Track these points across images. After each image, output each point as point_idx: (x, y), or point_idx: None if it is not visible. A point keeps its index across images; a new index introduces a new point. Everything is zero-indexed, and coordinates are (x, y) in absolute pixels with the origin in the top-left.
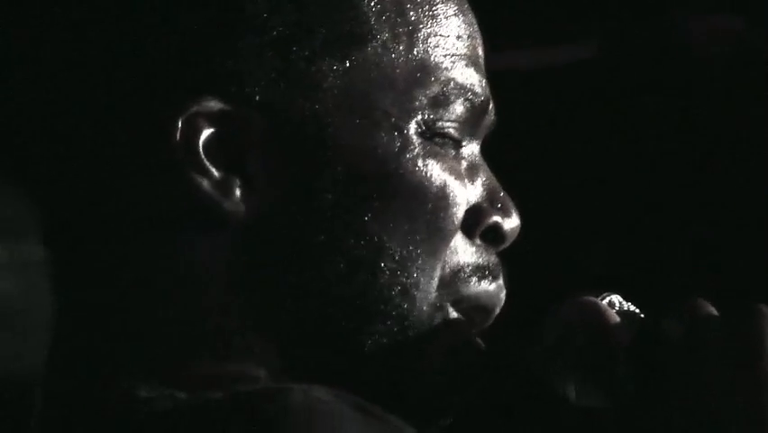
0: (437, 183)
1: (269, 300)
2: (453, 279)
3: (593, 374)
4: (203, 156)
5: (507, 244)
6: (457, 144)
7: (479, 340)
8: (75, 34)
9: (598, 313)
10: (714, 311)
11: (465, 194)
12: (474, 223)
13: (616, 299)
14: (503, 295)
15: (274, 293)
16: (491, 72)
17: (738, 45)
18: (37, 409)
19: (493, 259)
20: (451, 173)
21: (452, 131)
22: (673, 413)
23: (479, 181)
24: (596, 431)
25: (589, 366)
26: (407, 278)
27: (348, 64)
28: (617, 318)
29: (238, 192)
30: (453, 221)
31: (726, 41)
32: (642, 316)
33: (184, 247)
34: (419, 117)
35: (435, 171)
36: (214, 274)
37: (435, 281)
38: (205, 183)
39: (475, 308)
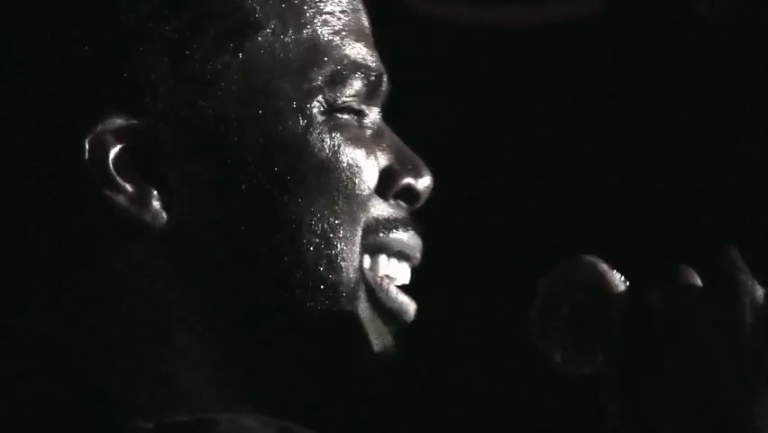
0: (347, 154)
1: (202, 296)
2: (367, 235)
3: (584, 336)
4: (114, 173)
5: (420, 203)
6: (360, 114)
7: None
8: None
9: (602, 273)
10: (696, 279)
11: (375, 160)
12: (387, 185)
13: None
14: (419, 243)
15: (206, 289)
16: (494, 28)
17: (742, 6)
18: None
19: (405, 214)
20: (358, 143)
21: (353, 104)
22: (661, 377)
23: (385, 145)
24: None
25: (581, 327)
26: (332, 249)
27: (242, 56)
28: (619, 279)
29: (155, 203)
30: (367, 187)
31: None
32: (627, 285)
33: (110, 259)
34: (320, 97)
35: (343, 143)
36: (143, 280)
37: (357, 248)
38: (121, 199)
39: (394, 255)
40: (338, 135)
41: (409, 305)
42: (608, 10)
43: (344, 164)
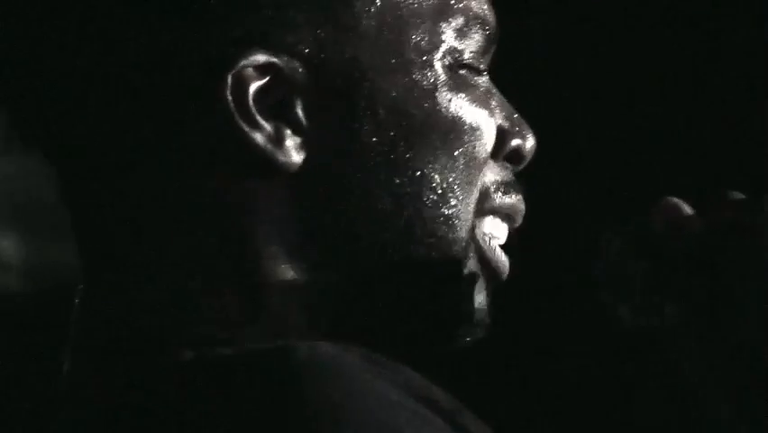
0: (470, 115)
1: (319, 244)
2: (482, 199)
3: (657, 283)
4: (254, 110)
5: (524, 165)
6: (476, 72)
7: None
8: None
9: (680, 213)
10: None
11: (492, 122)
12: (499, 146)
13: None
14: (523, 207)
15: (324, 237)
16: None
17: None
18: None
19: (512, 176)
20: (479, 103)
21: (473, 61)
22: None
23: (495, 105)
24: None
25: (656, 274)
26: (449, 208)
27: (379, 3)
28: (700, 218)
29: (289, 142)
30: (486, 150)
31: None
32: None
33: (235, 199)
34: (446, 50)
35: (467, 103)
36: (264, 222)
37: (472, 208)
38: (258, 136)
39: (502, 216)
40: (462, 95)
41: (507, 264)
42: None
43: (467, 127)
